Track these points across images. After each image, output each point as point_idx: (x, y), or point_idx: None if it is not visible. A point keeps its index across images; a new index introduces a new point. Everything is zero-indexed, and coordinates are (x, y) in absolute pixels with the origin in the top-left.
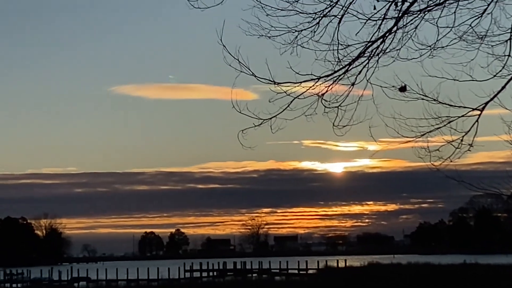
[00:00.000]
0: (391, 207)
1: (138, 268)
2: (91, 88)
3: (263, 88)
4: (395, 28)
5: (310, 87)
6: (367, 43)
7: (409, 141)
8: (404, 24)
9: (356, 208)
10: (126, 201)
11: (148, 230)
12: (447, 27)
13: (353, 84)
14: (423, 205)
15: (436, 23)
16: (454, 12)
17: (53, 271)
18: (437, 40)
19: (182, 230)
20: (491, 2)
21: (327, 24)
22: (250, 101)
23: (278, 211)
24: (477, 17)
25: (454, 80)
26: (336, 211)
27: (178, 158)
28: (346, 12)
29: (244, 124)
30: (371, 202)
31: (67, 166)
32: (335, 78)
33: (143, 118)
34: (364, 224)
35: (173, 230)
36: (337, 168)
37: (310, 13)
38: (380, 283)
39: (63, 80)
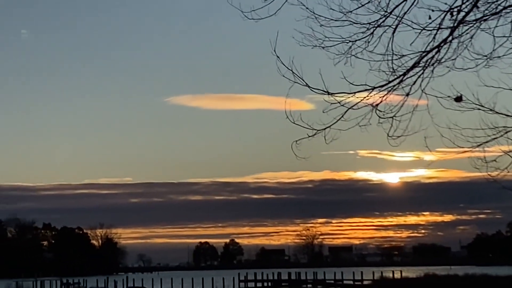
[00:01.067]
0: (448, 217)
1: (192, 278)
2: (147, 99)
3: (318, 98)
4: (450, 38)
5: (364, 97)
6: (422, 53)
7: (466, 151)
8: (460, 33)
9: (412, 219)
10: (181, 211)
11: (203, 240)
12: (504, 36)
13: (407, 94)
14: (480, 216)
15: (492, 32)
16: (511, 22)
17: (109, 280)
18: (493, 50)
19: (237, 240)
20: None
21: (381, 34)
22: (305, 111)
23: (333, 221)
24: None
25: (511, 90)
26: (391, 221)
27: (233, 168)
28: (400, 22)
29: (299, 134)
30: (427, 213)
31: (123, 177)
32: (390, 88)
33: (198, 129)
34: (420, 235)
35: (227, 240)
36: (392, 178)
37: (364, 24)
38: None
39: (120, 91)
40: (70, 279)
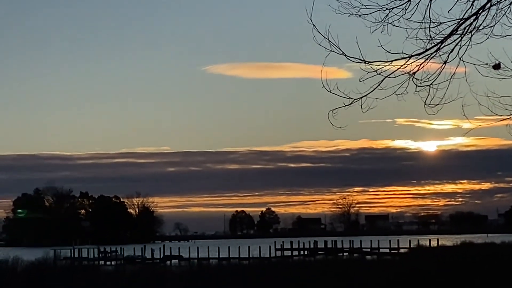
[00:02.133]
0: (486, 185)
1: (229, 246)
2: (185, 67)
3: (356, 67)
4: (488, 5)
5: (401, 65)
6: (459, 20)
7: (504, 119)
8: (498, 0)
9: (449, 187)
10: (218, 180)
11: (239, 209)
12: None
13: (445, 62)
14: None
15: None
16: None
17: (146, 249)
18: None
19: (273, 209)
20: None
21: (419, 2)
22: (342, 79)
23: (370, 190)
24: None
25: None
26: (428, 190)
27: (270, 137)
28: None
29: (336, 103)
30: (465, 181)
31: (160, 145)
32: (427, 56)
33: (236, 98)
34: (457, 203)
35: (263, 209)
36: (430, 146)
37: None
38: (473, 263)
39: (157, 60)
40: (107, 248)
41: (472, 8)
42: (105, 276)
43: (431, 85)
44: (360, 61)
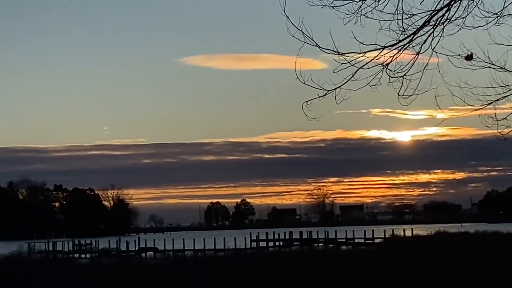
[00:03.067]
0: (460, 175)
1: (204, 238)
2: (160, 59)
3: (331, 58)
4: None
5: (375, 57)
6: (432, 11)
7: (476, 109)
8: None
9: (423, 177)
10: (193, 172)
11: (214, 200)
12: None
13: (418, 53)
14: (491, 173)
15: None
16: None
17: (121, 241)
18: (503, 8)
19: (248, 200)
20: None
21: None
22: (317, 70)
23: (345, 180)
24: None
25: None
26: (403, 180)
27: (245, 129)
28: None
29: (311, 94)
30: (439, 171)
31: (136, 137)
32: (400, 48)
33: (211, 89)
34: (431, 193)
35: (239, 200)
36: (404, 136)
37: None
38: (447, 252)
39: (132, 51)
40: (82, 240)
41: None
42: (80, 269)
43: (404, 76)
44: (334, 52)
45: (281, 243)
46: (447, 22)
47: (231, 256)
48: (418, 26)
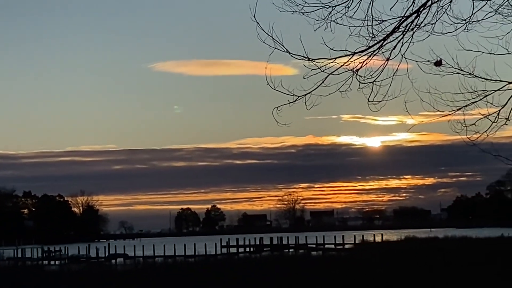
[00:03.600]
0: (429, 181)
1: (174, 244)
2: (131, 65)
3: (302, 64)
4: (429, 2)
5: (345, 63)
6: (401, 18)
7: (446, 115)
8: None
9: (393, 182)
10: (164, 178)
11: (185, 207)
12: (482, 0)
13: (388, 59)
14: (461, 178)
15: None
16: None
17: (91, 248)
18: (472, 14)
19: (219, 206)
20: None
21: (361, 0)
22: (288, 76)
23: (315, 186)
24: None
25: (490, 53)
26: (373, 185)
27: (216, 134)
28: None
29: (282, 100)
30: (408, 176)
31: (106, 144)
32: (370, 54)
33: (182, 95)
34: (401, 198)
35: (209, 206)
36: (375, 142)
37: None
38: (417, 257)
39: (103, 58)
40: (51, 247)
41: (413, 5)
42: (50, 276)
43: (374, 82)
44: (304, 58)
45: (251, 249)
46: (416, 28)
47: (201, 262)
48: (388, 32)
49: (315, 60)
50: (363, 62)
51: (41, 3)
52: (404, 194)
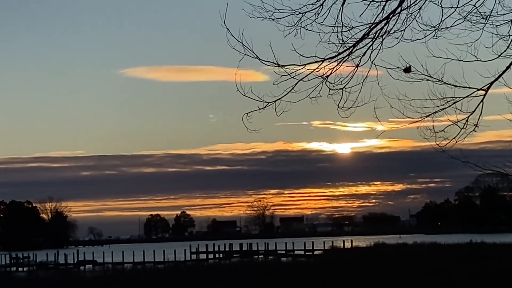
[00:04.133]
0: (399, 187)
1: (144, 250)
2: (101, 71)
3: (272, 70)
4: (399, 9)
5: (315, 69)
6: (371, 24)
7: (415, 121)
8: (408, 5)
9: (363, 189)
10: (133, 184)
11: (154, 213)
12: (451, 7)
13: (357, 66)
14: (430, 184)
15: (440, 3)
16: None
17: (59, 254)
18: (441, 21)
19: (189, 212)
20: None
21: (331, 6)
22: (259, 82)
23: (285, 192)
24: None
25: (459, 60)
26: (343, 191)
27: (186, 141)
28: None
29: (252, 106)
30: (378, 182)
31: (75, 149)
32: (340, 60)
33: (153, 101)
34: (371, 205)
35: (179, 213)
36: (345, 148)
37: None
38: (386, 263)
39: (73, 63)
40: (19, 254)
41: (383, 12)
42: (18, 283)
43: (343, 88)
44: (274, 64)
45: (221, 255)
46: (386, 35)
47: (170, 269)
48: (358, 39)
49: (285, 67)
50: (333, 68)
51: (11, 6)
52: (374, 200)
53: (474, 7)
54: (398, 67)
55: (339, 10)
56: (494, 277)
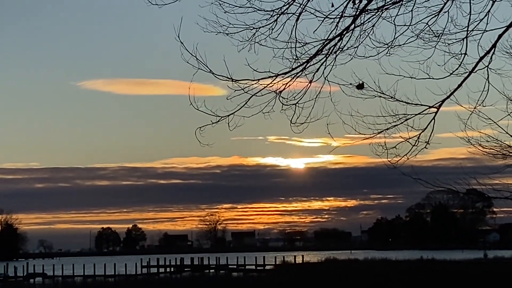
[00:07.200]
0: (351, 203)
1: (94, 264)
2: (59, 83)
3: (231, 84)
4: (352, 26)
5: (268, 84)
6: (325, 41)
7: (368, 138)
8: (362, 22)
9: (316, 204)
10: (87, 197)
11: (106, 226)
12: (404, 25)
13: (311, 82)
14: (383, 201)
15: (394, 21)
16: (411, 11)
17: (9, 267)
18: (394, 38)
19: (141, 225)
20: (448, 1)
21: (285, 22)
22: (216, 96)
23: (239, 206)
24: (434, 15)
25: (411, 78)
26: (296, 206)
27: (141, 154)
28: (304, 10)
29: (207, 120)
30: (331, 198)
31: (29, 161)
32: (293, 76)
33: (109, 113)
34: (323, 220)
35: (130, 226)
36: (299, 163)
37: (268, 11)
38: (337, 279)
39: (29, 74)
40: None
41: (336, 29)
42: None
43: (297, 104)
44: (228, 79)
45: (172, 269)
46: (339, 51)
47: (121, 282)
48: (311, 55)
49: (239, 81)
50: (287, 84)
51: None
52: (327, 216)
53: (427, 25)
54: (351, 84)
55: (293, 26)
56: None
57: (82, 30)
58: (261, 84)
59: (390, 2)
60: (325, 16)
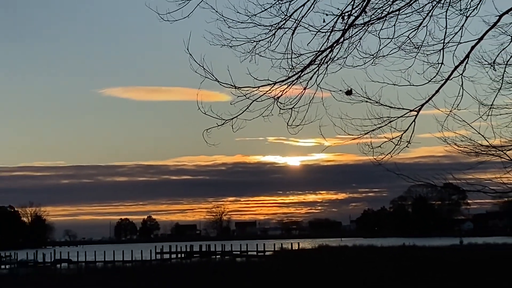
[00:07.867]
0: (342, 196)
1: (114, 250)
2: (83, 89)
3: (234, 91)
4: (342, 39)
5: (267, 91)
6: (317, 52)
7: (356, 138)
8: (350, 35)
9: (310, 197)
10: (107, 191)
11: (124, 217)
12: (388, 38)
13: (305, 88)
14: (369, 194)
15: (378, 34)
16: (394, 25)
17: (38, 253)
18: (379, 50)
19: (155, 217)
20: (426, 16)
21: (282, 36)
22: (221, 102)
23: (242, 199)
24: (414, 29)
25: (394, 85)
26: (292, 199)
27: (156, 153)
28: (298, 25)
29: (213, 123)
30: (324, 192)
31: (56, 160)
32: (289, 83)
33: (127, 117)
34: (317, 211)
35: (145, 217)
36: (295, 161)
37: (267, 26)
38: (329, 263)
39: (56, 82)
40: (2, 253)
41: (327, 42)
42: (0, 279)
43: (293, 108)
44: (231, 86)
45: (182, 255)
46: (330, 61)
47: (137, 267)
48: (305, 65)
49: (241, 88)
50: (284, 90)
51: None
52: (320, 207)
53: (408, 38)
54: (341, 90)
55: (289, 39)
56: (422, 275)
57: (102, 43)
58: (261, 91)
59: (375, 18)
60: (317, 30)
